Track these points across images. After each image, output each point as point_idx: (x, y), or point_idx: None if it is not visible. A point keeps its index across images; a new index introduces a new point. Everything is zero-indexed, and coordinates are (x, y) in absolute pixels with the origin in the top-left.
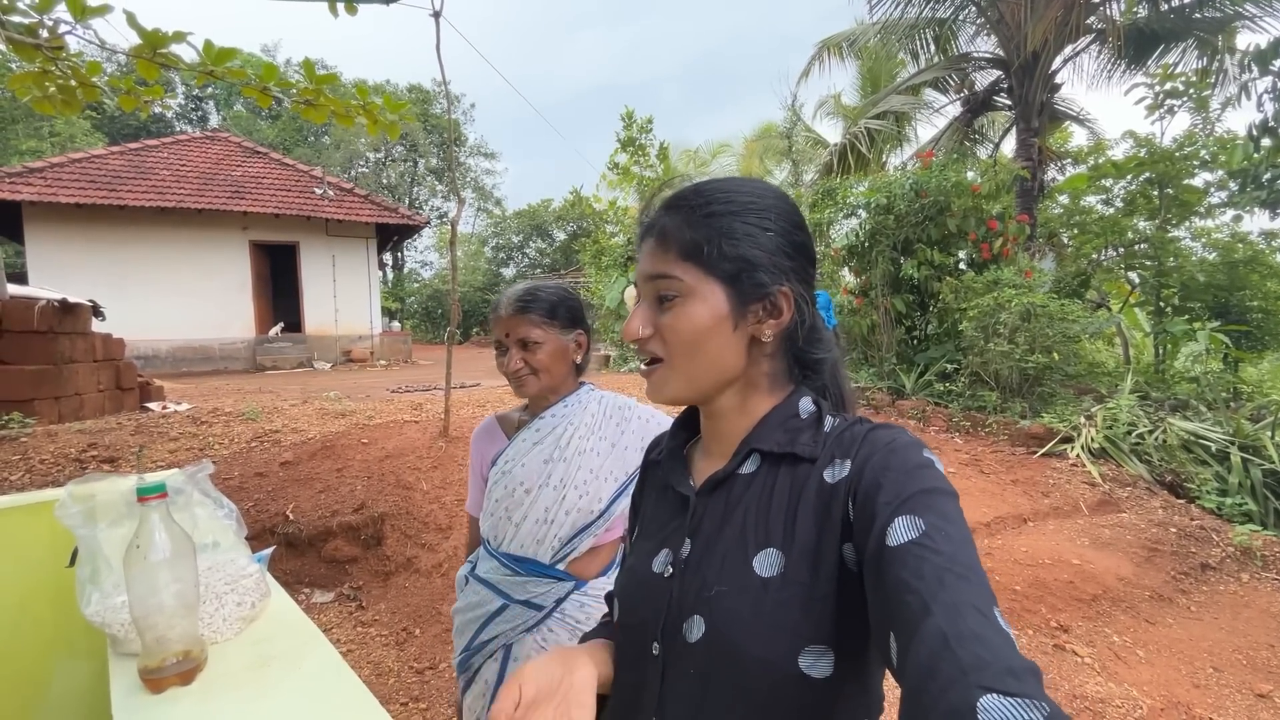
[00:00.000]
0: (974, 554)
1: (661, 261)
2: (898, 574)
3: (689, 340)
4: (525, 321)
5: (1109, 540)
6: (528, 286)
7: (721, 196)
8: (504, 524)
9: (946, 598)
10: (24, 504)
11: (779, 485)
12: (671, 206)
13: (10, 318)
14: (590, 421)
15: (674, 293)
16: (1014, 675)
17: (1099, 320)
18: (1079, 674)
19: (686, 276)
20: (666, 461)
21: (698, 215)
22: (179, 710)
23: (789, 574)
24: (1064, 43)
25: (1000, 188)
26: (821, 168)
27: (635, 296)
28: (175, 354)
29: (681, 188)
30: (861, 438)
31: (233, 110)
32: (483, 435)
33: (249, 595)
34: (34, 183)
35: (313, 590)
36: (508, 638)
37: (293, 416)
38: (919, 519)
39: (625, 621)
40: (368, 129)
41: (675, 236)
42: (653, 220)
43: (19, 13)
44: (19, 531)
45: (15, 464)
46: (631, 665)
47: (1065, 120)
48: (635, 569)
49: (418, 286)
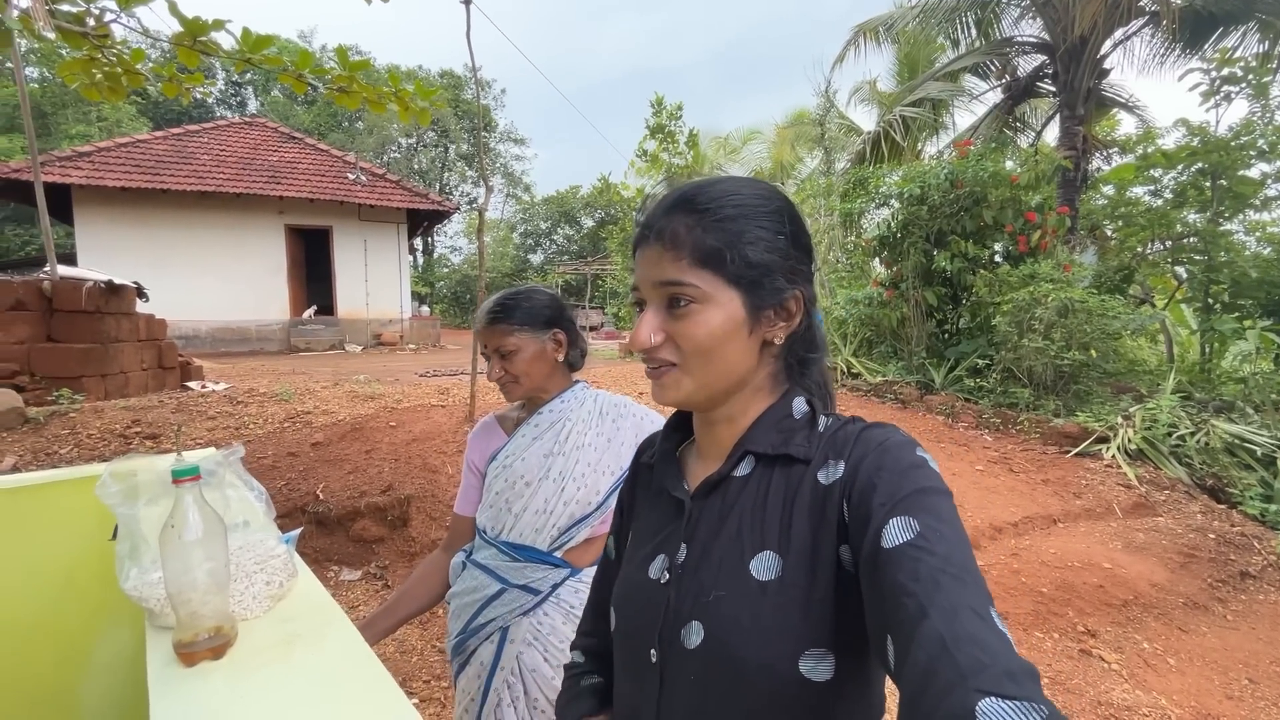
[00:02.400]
0: (970, 554)
1: (673, 268)
2: (893, 576)
3: (706, 347)
4: (498, 332)
5: (1143, 544)
6: (499, 296)
7: (732, 199)
8: (504, 514)
9: (943, 600)
10: (71, 478)
11: (774, 487)
12: (677, 208)
13: (60, 298)
14: (587, 417)
15: (689, 299)
16: (1012, 678)
17: (1141, 316)
18: (1105, 680)
19: (703, 284)
20: (660, 464)
21: (710, 219)
22: (211, 683)
23: (787, 577)
24: (1114, 26)
25: (1041, 178)
26: (854, 156)
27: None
28: (214, 335)
29: (683, 188)
30: (855, 438)
31: (270, 96)
32: (481, 433)
33: (277, 575)
34: (83, 166)
35: (341, 568)
36: (504, 620)
37: (324, 398)
38: (914, 520)
39: (623, 629)
40: (399, 116)
41: (688, 242)
42: (656, 223)
43: (68, 1)
44: (66, 504)
45: (64, 438)
46: (630, 673)
47: (1113, 107)
48: (632, 576)
49: (447, 272)
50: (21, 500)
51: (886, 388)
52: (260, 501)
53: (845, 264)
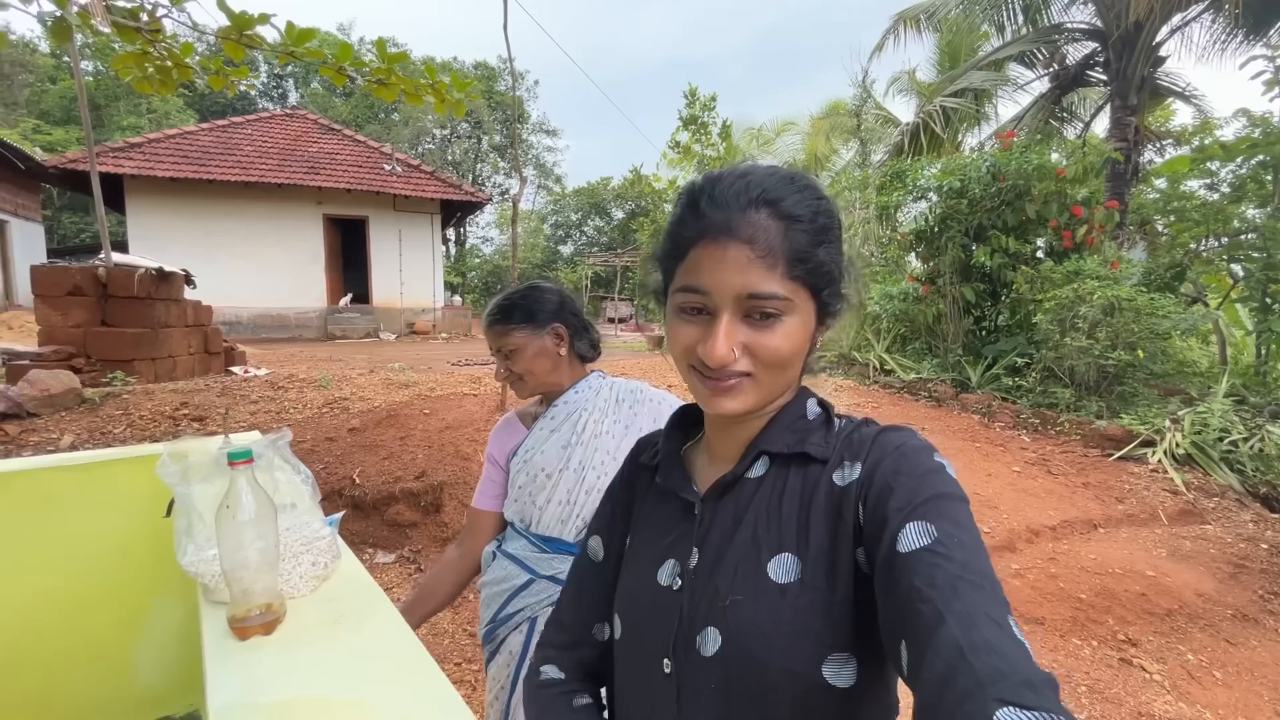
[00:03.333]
0: (987, 560)
1: (766, 278)
2: (910, 581)
3: (786, 359)
4: (498, 333)
5: (1189, 553)
6: (498, 298)
7: (815, 205)
8: (529, 508)
9: (960, 607)
10: (127, 456)
11: (789, 488)
12: (761, 207)
13: (114, 284)
14: (603, 405)
15: (776, 310)
16: (1031, 688)
17: (1193, 316)
18: (1146, 690)
19: (793, 295)
20: (665, 466)
21: (804, 227)
22: (262, 656)
23: (807, 579)
24: (1172, 11)
25: (1088, 170)
26: (891, 148)
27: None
28: (255, 321)
29: (761, 181)
30: (871, 440)
31: (310, 88)
32: (502, 429)
33: (322, 556)
34: (134, 157)
35: (375, 551)
36: (533, 610)
37: (360, 385)
38: (931, 525)
39: (630, 638)
40: (434, 107)
41: (783, 250)
42: (736, 220)
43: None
44: (122, 481)
45: (118, 418)
46: (640, 686)
47: (1168, 97)
48: (637, 583)
49: (479, 262)
50: (81, 477)
51: (920, 385)
52: (306, 485)
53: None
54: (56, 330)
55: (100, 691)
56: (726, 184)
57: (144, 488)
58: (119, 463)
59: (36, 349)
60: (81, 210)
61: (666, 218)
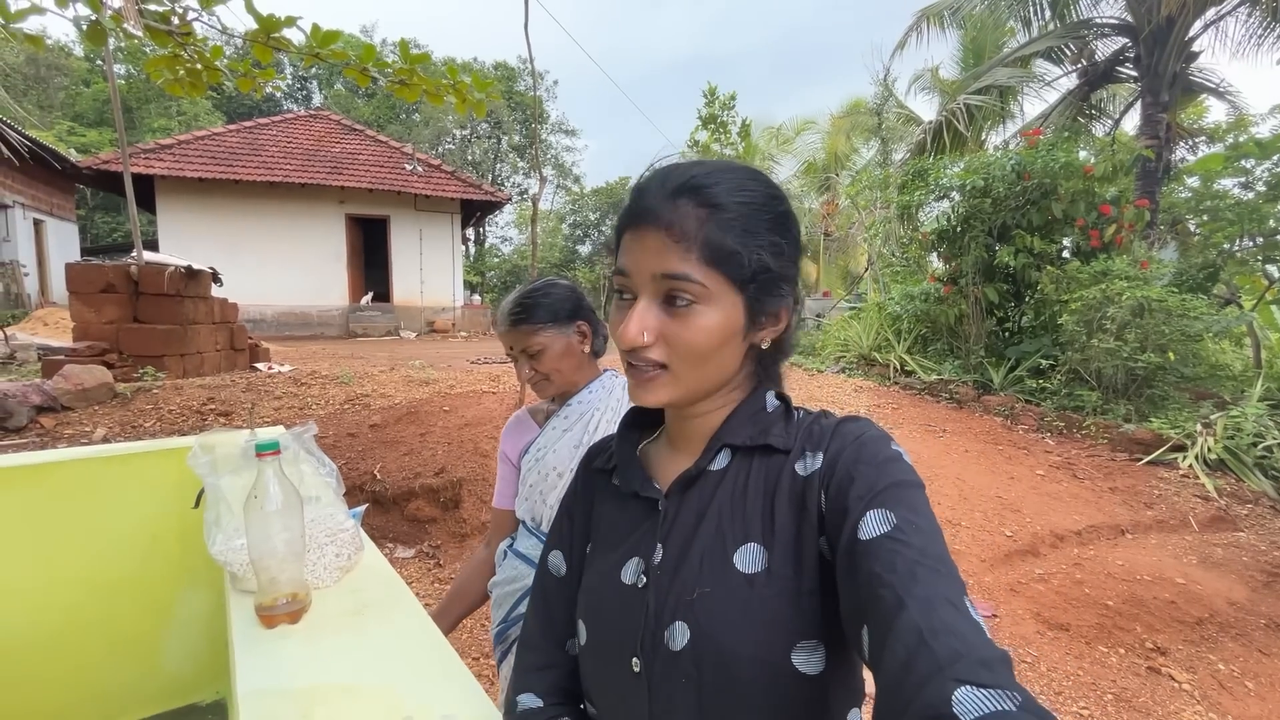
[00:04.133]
0: (943, 545)
1: (680, 260)
2: (870, 567)
3: (702, 352)
4: (521, 333)
5: (1221, 560)
6: (517, 296)
7: (746, 195)
8: (539, 506)
9: (920, 591)
10: (157, 449)
11: (753, 479)
12: (685, 195)
13: (146, 281)
14: (615, 405)
15: (691, 297)
16: (987, 666)
17: (1227, 318)
18: (1175, 700)
19: (710, 283)
20: (623, 468)
21: (725, 216)
22: (289, 644)
23: (774, 569)
24: (1206, 5)
25: (1118, 169)
26: (913, 146)
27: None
28: (279, 319)
29: (689, 171)
30: (832, 430)
31: (333, 89)
32: (514, 427)
33: (346, 548)
34: (165, 158)
35: (395, 546)
36: None
37: (381, 382)
38: (890, 512)
39: (596, 640)
40: (456, 107)
41: (699, 237)
42: (659, 207)
43: (155, 1)
44: (152, 473)
45: (148, 412)
46: (611, 689)
47: (1201, 93)
48: (600, 585)
49: (498, 261)
50: (114, 468)
51: (941, 386)
52: (331, 478)
53: (900, 258)
54: (90, 326)
55: (130, 677)
56: (654, 175)
57: (173, 479)
58: (149, 455)
59: (71, 344)
60: (114, 210)
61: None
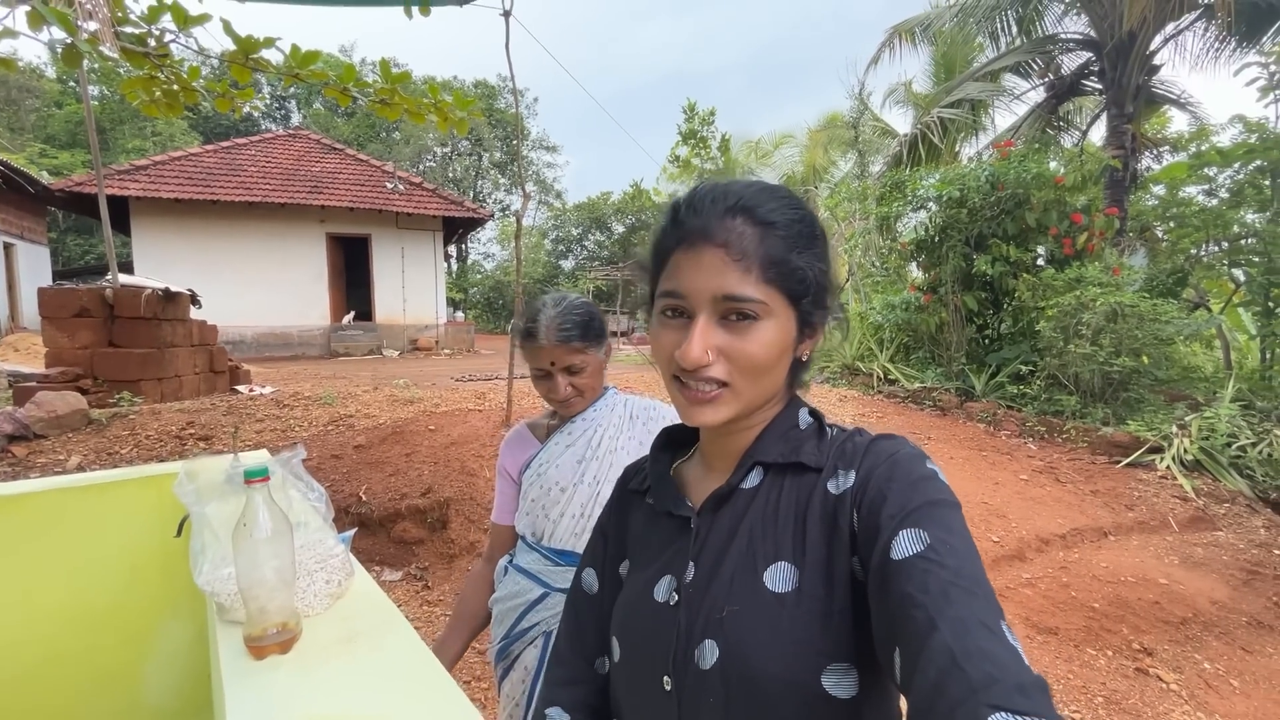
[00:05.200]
0: (979, 566)
1: (740, 281)
2: (903, 588)
3: (763, 367)
4: (569, 349)
5: (1202, 560)
6: (560, 312)
7: (797, 214)
8: (541, 521)
9: (953, 613)
10: (135, 477)
11: (785, 497)
12: (739, 214)
13: (121, 304)
14: (618, 422)
15: (753, 314)
16: (1023, 692)
17: (1197, 321)
18: (1163, 701)
19: (769, 299)
20: (657, 488)
21: (779, 233)
22: (280, 675)
23: (805, 588)
24: (1165, 20)
25: (1087, 178)
26: (890, 159)
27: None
28: (259, 340)
29: (739, 191)
30: (865, 449)
31: (312, 108)
32: (514, 441)
33: (336, 574)
34: (140, 179)
35: (382, 568)
36: (548, 624)
37: (365, 402)
38: (924, 532)
39: (629, 658)
40: (438, 125)
41: (758, 254)
42: (713, 226)
43: (131, 24)
44: (131, 501)
45: (125, 439)
46: (642, 707)
47: (1163, 104)
48: (634, 602)
49: (480, 278)
50: (90, 497)
51: (924, 394)
52: (320, 502)
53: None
54: (64, 352)
55: (111, 711)
56: (705, 194)
57: (152, 508)
58: (127, 483)
59: (44, 370)
60: (86, 232)
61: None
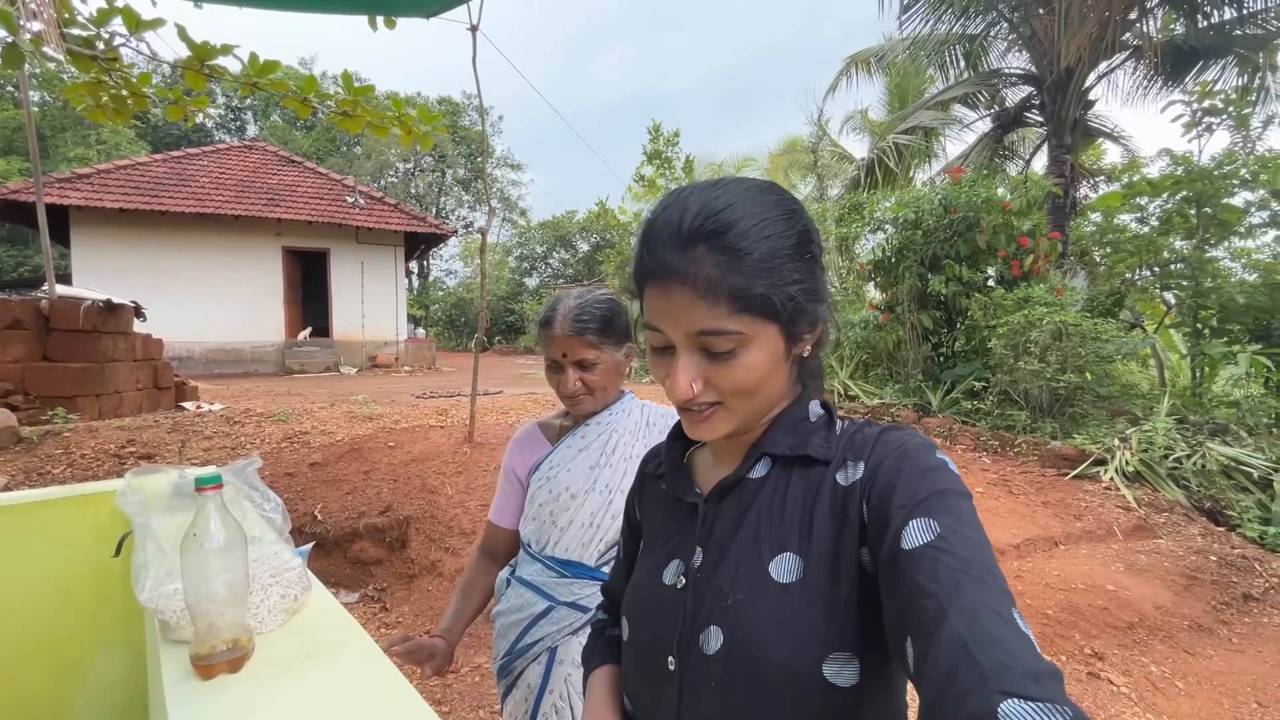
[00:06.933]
0: (990, 555)
1: (709, 317)
2: (913, 577)
3: (749, 388)
4: (582, 343)
5: (1145, 566)
6: (580, 303)
7: (762, 231)
8: (548, 528)
9: (964, 601)
10: (68, 496)
11: (793, 488)
12: (698, 243)
13: (58, 317)
14: (634, 428)
15: (730, 345)
16: (1035, 679)
17: (1133, 340)
18: (1115, 703)
19: (745, 327)
20: (669, 473)
21: (746, 261)
22: (229, 697)
23: (809, 579)
24: (1099, 59)
25: (1031, 204)
26: (848, 182)
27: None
28: (208, 356)
29: (698, 215)
30: (874, 440)
31: (270, 121)
32: (524, 441)
33: (292, 588)
34: (81, 188)
35: (338, 590)
36: (553, 640)
37: (321, 419)
38: (934, 521)
39: (637, 638)
40: (401, 140)
41: (724, 288)
42: (675, 262)
43: (78, 25)
44: (63, 522)
45: (58, 458)
46: (647, 682)
47: (1099, 137)
48: (644, 583)
49: (442, 294)
50: (18, 518)
51: (884, 410)
52: (276, 514)
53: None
54: None
55: None
56: (663, 224)
57: (87, 528)
58: (58, 502)
59: None
60: (20, 243)
61: (630, 249)
